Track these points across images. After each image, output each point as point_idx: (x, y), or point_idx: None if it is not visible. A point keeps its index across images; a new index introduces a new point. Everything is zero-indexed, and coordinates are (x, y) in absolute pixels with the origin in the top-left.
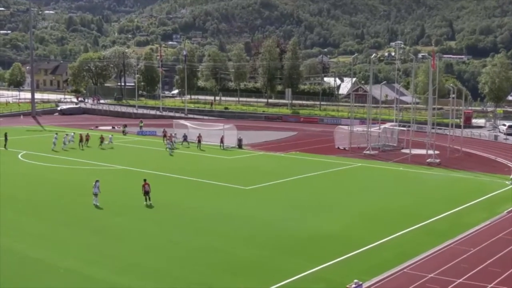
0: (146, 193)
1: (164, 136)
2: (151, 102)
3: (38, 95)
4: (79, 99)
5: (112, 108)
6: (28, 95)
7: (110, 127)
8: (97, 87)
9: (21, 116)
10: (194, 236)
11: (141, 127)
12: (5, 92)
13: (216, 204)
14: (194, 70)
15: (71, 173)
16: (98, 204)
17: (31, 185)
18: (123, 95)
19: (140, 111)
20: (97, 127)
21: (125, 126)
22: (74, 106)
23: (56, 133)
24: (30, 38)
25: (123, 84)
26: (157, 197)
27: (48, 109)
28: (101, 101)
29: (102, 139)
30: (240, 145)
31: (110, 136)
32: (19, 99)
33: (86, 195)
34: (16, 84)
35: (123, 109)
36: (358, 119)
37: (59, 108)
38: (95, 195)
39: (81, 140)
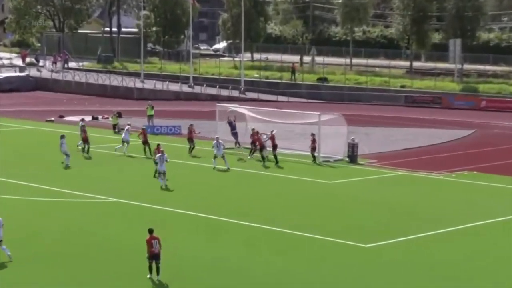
0: (154, 257)
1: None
2: (172, 67)
3: None
4: (27, 59)
5: (92, 78)
6: None
7: (88, 118)
8: (64, 37)
9: None
10: None
11: (150, 116)
12: None
13: (308, 278)
14: (259, 1)
15: (16, 211)
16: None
17: None
18: (115, 53)
19: (149, 84)
20: (62, 116)
21: (118, 115)
22: (18, 74)
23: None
24: None
25: (115, 30)
26: (189, 262)
27: None
28: (72, 64)
29: (85, 139)
30: (353, 156)
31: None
32: None
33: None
34: None
35: (115, 80)
36: None
37: None
38: None
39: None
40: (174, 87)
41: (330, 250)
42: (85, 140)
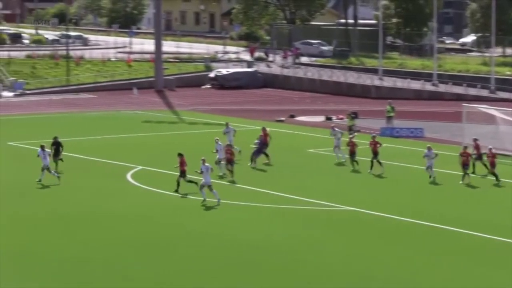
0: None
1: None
2: (413, 63)
3: (169, 45)
4: (255, 54)
5: (326, 75)
6: (148, 44)
7: (321, 118)
8: (295, 29)
9: (134, 90)
10: None
11: (390, 118)
12: (106, 39)
13: None
14: None
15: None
16: None
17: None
18: (351, 47)
19: (388, 82)
20: (292, 116)
21: (353, 116)
22: (245, 70)
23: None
24: None
25: (351, 22)
26: None
27: (188, 76)
28: (303, 59)
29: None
30: None
31: None
32: (130, 52)
33: None
34: (128, 21)
35: (351, 77)
36: None
37: (212, 75)
38: None
39: None
40: (416, 85)
41: None
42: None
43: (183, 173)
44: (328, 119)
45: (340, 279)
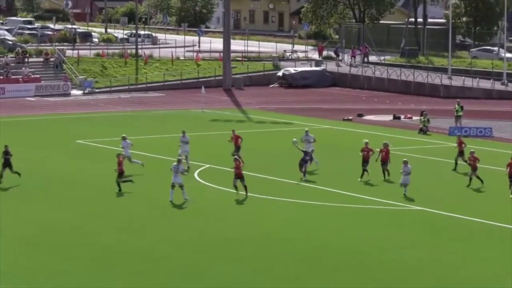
0: None
1: None
2: (483, 63)
3: (237, 44)
4: (323, 53)
5: (395, 74)
6: (216, 43)
7: (389, 117)
8: (364, 28)
9: (202, 89)
10: None
11: (458, 117)
12: (175, 37)
13: None
14: None
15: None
16: None
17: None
18: (419, 46)
19: (457, 81)
20: (360, 115)
21: (423, 115)
22: (314, 68)
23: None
24: None
25: (420, 21)
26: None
27: (257, 74)
28: (372, 58)
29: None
30: None
31: None
32: (198, 51)
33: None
34: (197, 20)
35: (420, 76)
36: None
37: (280, 74)
38: None
39: None
40: (485, 84)
41: None
42: None
43: (121, 174)
44: (396, 118)
45: (428, 279)
